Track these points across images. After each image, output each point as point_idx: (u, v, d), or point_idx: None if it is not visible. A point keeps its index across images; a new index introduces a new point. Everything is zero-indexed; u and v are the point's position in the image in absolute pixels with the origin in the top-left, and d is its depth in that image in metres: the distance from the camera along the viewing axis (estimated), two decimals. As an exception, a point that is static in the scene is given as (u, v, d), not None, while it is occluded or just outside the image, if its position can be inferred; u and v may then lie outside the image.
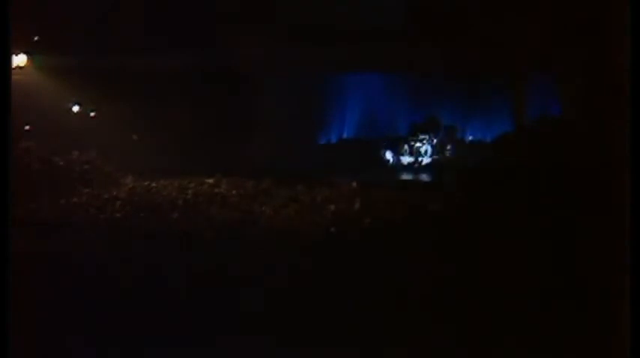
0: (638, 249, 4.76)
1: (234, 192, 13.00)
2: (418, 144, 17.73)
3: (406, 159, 17.74)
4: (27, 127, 14.75)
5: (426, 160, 17.66)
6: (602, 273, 6.35)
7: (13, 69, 13.60)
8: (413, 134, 17.82)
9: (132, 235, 10.50)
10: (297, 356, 6.02)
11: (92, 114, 16.64)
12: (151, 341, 6.17)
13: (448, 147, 17.70)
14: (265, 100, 16.82)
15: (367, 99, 18.19)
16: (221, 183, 13.56)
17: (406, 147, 17.75)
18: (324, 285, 7.57)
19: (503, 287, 7.19)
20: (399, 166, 17.64)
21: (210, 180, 13.71)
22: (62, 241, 9.92)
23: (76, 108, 16.53)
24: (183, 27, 15.57)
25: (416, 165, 17.62)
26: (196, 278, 7.97)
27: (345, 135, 18.48)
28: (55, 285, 7.64)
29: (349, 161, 16.68)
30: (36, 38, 15.26)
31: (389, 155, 17.72)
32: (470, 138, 17.88)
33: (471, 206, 10.28)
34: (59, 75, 15.35)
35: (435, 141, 17.72)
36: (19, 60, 14.79)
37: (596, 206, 8.05)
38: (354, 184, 13.54)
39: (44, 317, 6.57)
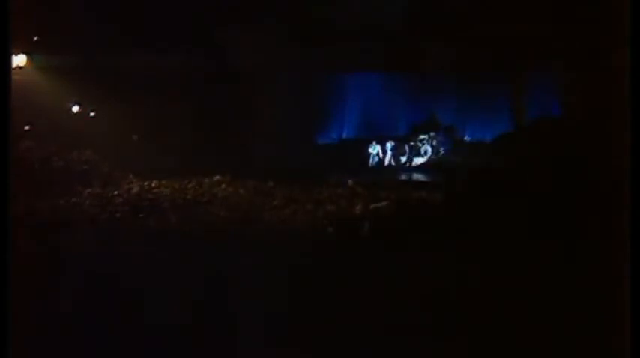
0: (638, 249, 4.77)
1: (234, 192, 13.00)
2: (418, 144, 17.72)
3: (405, 159, 17.72)
4: (27, 127, 14.74)
5: (425, 160, 17.65)
6: (603, 273, 6.35)
7: (13, 69, 13.58)
8: (413, 134, 17.82)
9: (132, 235, 10.49)
10: (296, 356, 6.02)
11: (92, 114, 16.63)
12: (151, 341, 6.17)
13: (447, 147, 17.69)
14: (265, 100, 16.80)
15: (367, 99, 18.16)
16: (221, 183, 13.56)
17: (406, 147, 17.75)
18: (323, 285, 7.57)
19: (503, 287, 7.20)
20: (398, 166, 17.62)
21: (211, 180, 13.71)
22: (62, 241, 9.92)
23: (76, 108, 16.51)
24: (184, 27, 15.56)
25: (415, 164, 17.61)
26: (196, 278, 7.97)
27: (344, 135, 18.44)
28: (55, 285, 7.64)
29: (349, 161, 16.67)
30: (36, 38, 15.24)
31: (388, 155, 17.70)
32: (470, 138, 17.85)
33: (470, 206, 10.28)
34: (59, 75, 15.33)
35: (434, 141, 17.71)
36: (19, 60, 14.76)
37: (596, 206, 8.07)
38: (354, 184, 13.53)
39: (44, 317, 6.57)
